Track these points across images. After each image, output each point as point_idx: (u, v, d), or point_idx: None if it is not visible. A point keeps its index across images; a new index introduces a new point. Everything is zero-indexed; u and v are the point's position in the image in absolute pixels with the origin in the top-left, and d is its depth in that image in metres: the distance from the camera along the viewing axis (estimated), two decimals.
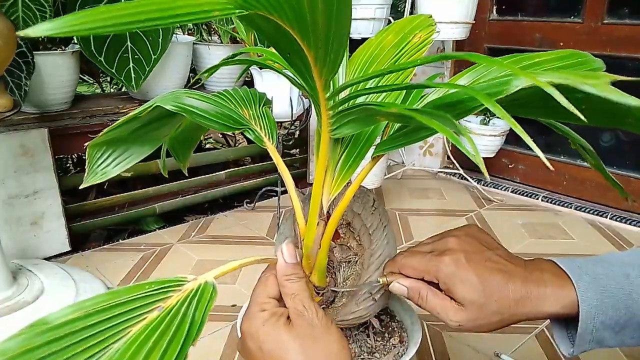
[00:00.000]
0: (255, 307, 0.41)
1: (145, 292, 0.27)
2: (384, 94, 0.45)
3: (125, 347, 0.23)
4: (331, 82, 0.36)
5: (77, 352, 0.22)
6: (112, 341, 0.23)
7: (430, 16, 0.49)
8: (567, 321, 0.47)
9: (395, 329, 0.56)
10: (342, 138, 0.42)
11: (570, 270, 0.45)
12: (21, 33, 0.17)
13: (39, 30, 0.18)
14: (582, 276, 0.45)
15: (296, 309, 0.39)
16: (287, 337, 0.38)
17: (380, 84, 0.46)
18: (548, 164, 0.25)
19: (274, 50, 0.34)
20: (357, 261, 0.50)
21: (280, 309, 0.41)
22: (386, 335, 0.54)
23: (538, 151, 0.22)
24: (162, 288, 0.27)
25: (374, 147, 0.41)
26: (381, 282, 0.47)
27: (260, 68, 1.31)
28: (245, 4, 0.23)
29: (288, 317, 0.40)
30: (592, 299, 0.44)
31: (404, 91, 0.45)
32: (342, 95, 0.35)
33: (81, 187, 0.43)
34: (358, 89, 0.44)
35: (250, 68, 1.33)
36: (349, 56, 0.48)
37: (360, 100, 0.40)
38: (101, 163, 0.43)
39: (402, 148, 2.00)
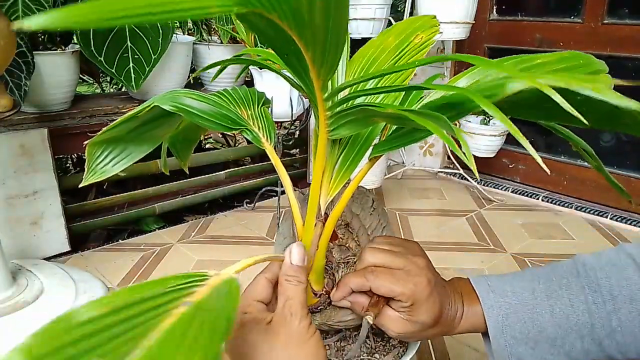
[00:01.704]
0: (239, 309, 0.40)
1: (171, 288, 0.26)
2: (383, 95, 0.45)
3: (160, 341, 0.22)
4: (329, 83, 0.36)
5: (109, 349, 0.22)
6: (144, 337, 0.23)
7: (434, 17, 0.49)
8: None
9: None
10: (340, 139, 0.42)
11: (479, 289, 0.49)
12: (15, 25, 0.17)
13: (35, 22, 0.18)
14: (489, 294, 0.48)
15: (283, 314, 0.38)
16: (261, 343, 0.37)
17: (379, 85, 0.46)
18: (543, 165, 0.25)
19: (273, 51, 0.34)
20: (355, 262, 0.50)
21: (263, 314, 0.40)
22: (386, 335, 0.54)
23: (533, 152, 0.22)
24: (186, 283, 0.27)
25: (372, 148, 0.41)
26: (371, 320, 0.45)
27: (260, 68, 1.31)
28: (244, 0, 0.23)
29: (270, 322, 0.39)
30: (498, 314, 0.47)
31: (403, 92, 0.45)
32: (341, 96, 0.35)
33: (81, 185, 0.43)
34: (357, 90, 0.44)
35: (250, 68, 1.33)
36: (350, 57, 0.48)
37: (358, 101, 0.39)
38: (100, 162, 0.43)
39: (403, 148, 2.00)
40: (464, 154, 0.24)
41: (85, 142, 0.42)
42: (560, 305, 0.47)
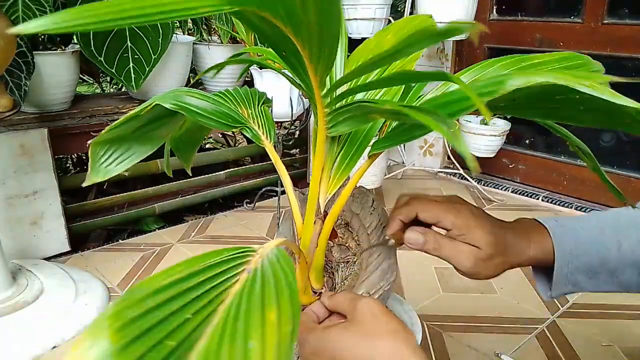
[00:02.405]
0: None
1: (227, 256, 0.28)
2: (382, 92, 0.45)
3: (233, 305, 0.24)
4: (327, 81, 0.36)
5: (194, 308, 0.23)
6: (217, 302, 0.24)
7: (430, 16, 0.49)
8: (547, 269, 0.52)
9: None
10: (339, 136, 0.42)
11: (548, 224, 0.51)
12: (14, 30, 0.17)
13: (32, 26, 0.18)
14: (559, 227, 0.51)
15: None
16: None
17: (377, 80, 0.46)
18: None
19: (272, 50, 0.34)
20: (355, 261, 0.50)
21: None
22: None
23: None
24: (238, 253, 0.29)
25: (371, 145, 0.41)
26: (390, 239, 0.48)
27: (260, 68, 1.31)
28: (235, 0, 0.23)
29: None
30: (567, 245, 0.50)
31: (402, 90, 0.45)
32: (339, 92, 0.35)
33: (84, 184, 0.43)
34: (355, 85, 0.44)
35: (250, 68, 1.33)
36: (348, 56, 0.48)
37: (356, 98, 0.39)
38: (104, 161, 0.43)
39: (403, 148, 2.00)
40: (465, 151, 0.24)
41: (89, 142, 0.42)
42: (628, 241, 0.49)
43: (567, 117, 0.31)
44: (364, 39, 0.58)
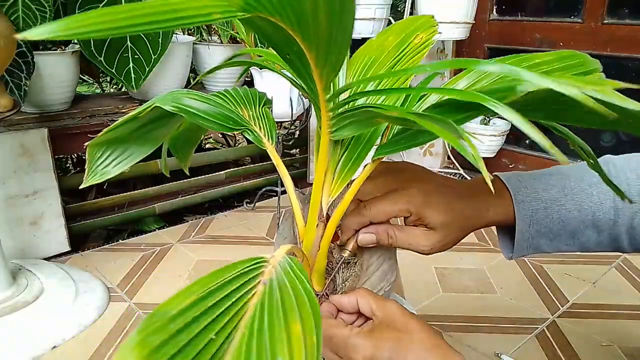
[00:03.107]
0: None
1: (241, 270, 0.28)
2: (385, 95, 0.45)
3: (256, 318, 0.24)
4: (331, 84, 0.36)
5: (216, 327, 0.23)
6: (238, 318, 0.24)
7: (432, 17, 0.49)
8: (509, 229, 0.51)
9: None
10: (342, 139, 0.42)
11: (510, 184, 0.50)
12: (19, 36, 0.17)
13: (38, 33, 0.18)
14: (521, 189, 0.49)
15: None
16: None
17: (380, 87, 0.46)
18: None
19: (273, 51, 0.34)
20: (356, 262, 0.50)
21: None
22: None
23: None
24: (251, 265, 0.29)
25: (375, 149, 0.41)
26: (349, 252, 0.48)
27: (261, 68, 1.31)
28: (248, 6, 0.23)
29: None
30: (528, 209, 0.49)
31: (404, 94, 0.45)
32: (343, 97, 0.35)
33: (81, 186, 0.43)
34: (359, 91, 0.43)
35: (250, 68, 1.33)
36: (349, 57, 0.48)
37: (360, 102, 0.39)
38: (101, 163, 0.43)
39: None
40: (473, 157, 0.24)
41: (86, 144, 0.42)
42: (588, 203, 0.48)
43: (573, 119, 0.31)
44: (364, 38, 0.58)
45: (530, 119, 0.34)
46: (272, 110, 0.50)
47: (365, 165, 0.43)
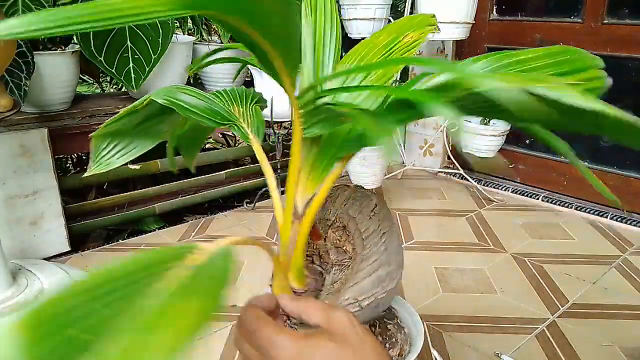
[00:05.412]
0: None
1: (169, 254, 0.28)
2: (368, 93, 0.44)
3: (170, 294, 0.24)
4: (307, 82, 0.37)
5: (122, 306, 0.23)
6: (152, 293, 0.24)
7: (433, 15, 0.49)
8: None
9: (399, 340, 0.55)
10: (318, 137, 0.43)
11: None
12: None
13: (6, 26, 0.19)
14: None
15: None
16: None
17: (365, 82, 0.46)
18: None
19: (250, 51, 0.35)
20: (350, 265, 0.49)
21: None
22: (387, 345, 0.54)
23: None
24: (182, 250, 0.28)
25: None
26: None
27: (260, 67, 1.31)
28: (192, 3, 0.23)
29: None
30: None
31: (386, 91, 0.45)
32: (310, 95, 0.36)
33: (85, 175, 0.45)
34: (325, 90, 0.44)
35: (250, 68, 1.33)
36: (342, 56, 0.49)
37: (324, 100, 0.40)
38: (106, 154, 0.45)
39: (403, 148, 2.00)
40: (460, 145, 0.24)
41: (91, 134, 0.44)
42: None
43: (542, 120, 0.30)
44: (364, 39, 0.58)
45: (506, 120, 0.34)
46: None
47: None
